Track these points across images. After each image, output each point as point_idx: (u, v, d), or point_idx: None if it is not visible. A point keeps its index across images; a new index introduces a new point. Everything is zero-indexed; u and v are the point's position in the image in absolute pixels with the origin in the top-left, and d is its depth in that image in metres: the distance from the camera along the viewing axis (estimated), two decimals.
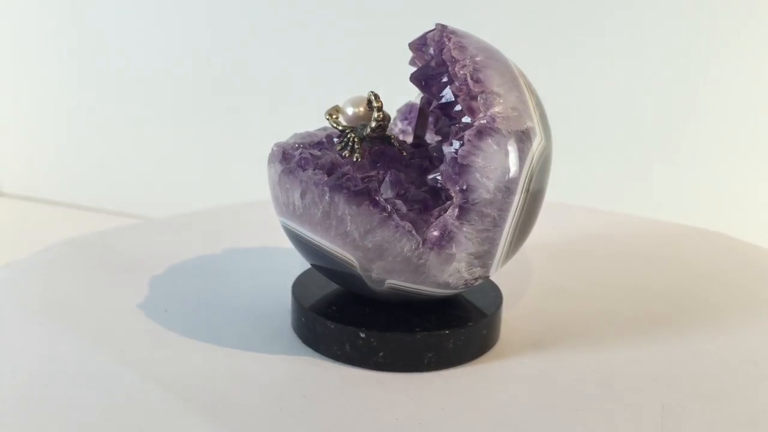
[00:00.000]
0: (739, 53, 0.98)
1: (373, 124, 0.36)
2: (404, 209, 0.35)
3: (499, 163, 0.34)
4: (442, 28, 0.36)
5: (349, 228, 0.34)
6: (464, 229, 0.34)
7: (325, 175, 0.35)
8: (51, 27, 1.37)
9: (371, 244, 0.34)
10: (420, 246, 0.34)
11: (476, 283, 0.37)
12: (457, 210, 0.33)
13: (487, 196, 0.34)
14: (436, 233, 0.34)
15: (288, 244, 0.40)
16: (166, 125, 1.35)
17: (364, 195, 0.34)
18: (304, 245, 0.37)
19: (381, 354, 0.37)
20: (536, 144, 0.35)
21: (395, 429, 0.32)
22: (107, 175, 1.39)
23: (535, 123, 0.35)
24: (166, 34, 1.31)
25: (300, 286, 0.41)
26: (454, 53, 0.35)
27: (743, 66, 0.98)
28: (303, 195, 0.35)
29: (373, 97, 0.36)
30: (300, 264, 0.46)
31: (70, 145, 1.41)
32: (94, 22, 1.35)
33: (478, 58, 0.35)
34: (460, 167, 0.33)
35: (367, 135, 0.36)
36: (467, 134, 0.33)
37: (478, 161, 0.33)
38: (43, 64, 1.39)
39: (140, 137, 1.37)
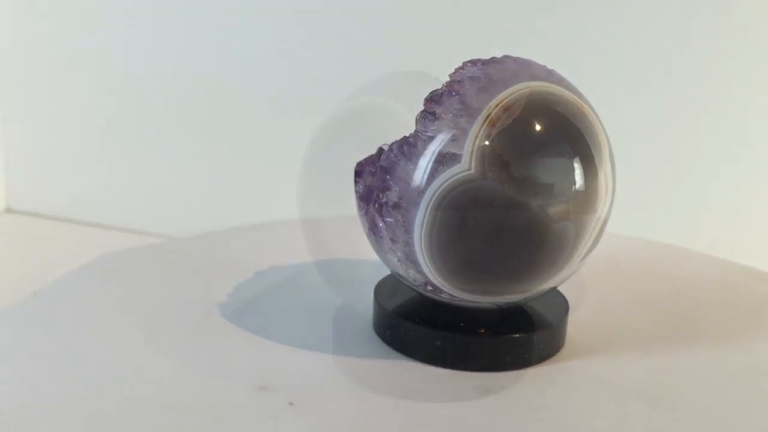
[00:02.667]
0: None
1: None
2: (378, 196, 0.42)
3: (407, 174, 0.37)
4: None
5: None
6: (383, 224, 0.39)
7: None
8: (61, 41, 1.38)
9: (358, 216, 0.43)
10: (367, 226, 0.41)
11: (442, 294, 0.40)
12: (375, 203, 0.39)
13: (395, 200, 0.38)
14: (368, 219, 0.40)
15: (362, 255, 0.46)
16: (176, 141, 1.34)
17: (355, 175, 0.43)
18: None
19: (455, 355, 0.41)
20: (455, 171, 0.36)
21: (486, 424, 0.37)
22: (115, 192, 1.40)
23: (464, 152, 0.36)
24: (181, 50, 1.29)
25: (381, 291, 0.46)
26: (449, 75, 0.39)
27: None
28: None
29: None
30: (373, 274, 0.50)
31: (78, 163, 1.42)
32: (105, 37, 1.35)
33: (459, 86, 0.38)
34: (378, 168, 0.39)
35: None
36: (396, 143, 0.38)
37: (394, 167, 0.38)
38: (52, 78, 1.40)
39: (149, 154, 1.36)
